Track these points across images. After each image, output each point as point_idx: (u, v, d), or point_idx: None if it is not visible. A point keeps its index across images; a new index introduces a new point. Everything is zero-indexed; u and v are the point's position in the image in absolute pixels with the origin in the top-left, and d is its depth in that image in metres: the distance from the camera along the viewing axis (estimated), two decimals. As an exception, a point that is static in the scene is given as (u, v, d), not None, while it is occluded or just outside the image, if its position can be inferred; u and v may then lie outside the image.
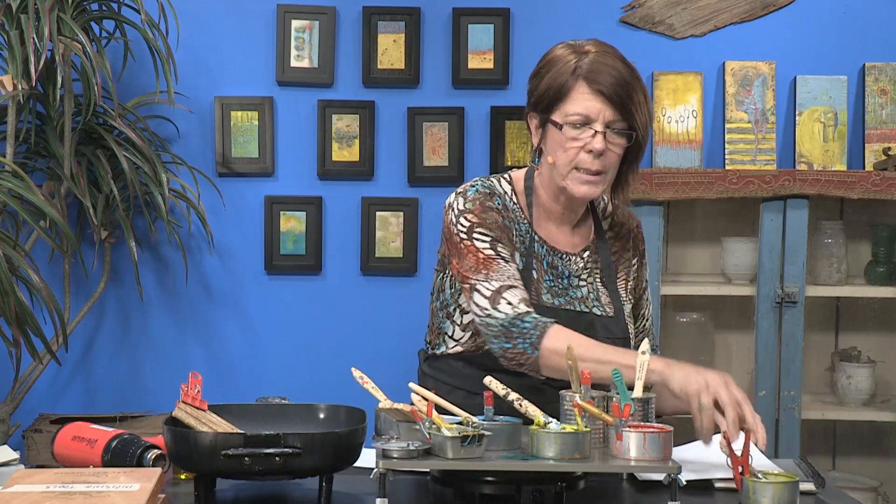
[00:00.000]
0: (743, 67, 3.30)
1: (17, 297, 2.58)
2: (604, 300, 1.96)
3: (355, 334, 3.40)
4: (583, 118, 1.83)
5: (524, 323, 1.77)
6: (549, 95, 1.87)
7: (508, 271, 1.84)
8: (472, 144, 3.37)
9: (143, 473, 1.54)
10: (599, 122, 1.82)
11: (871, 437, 3.32)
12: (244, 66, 3.37)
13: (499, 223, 1.89)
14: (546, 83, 1.87)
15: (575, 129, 1.83)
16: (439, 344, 1.99)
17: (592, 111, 1.82)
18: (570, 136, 1.84)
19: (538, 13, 3.37)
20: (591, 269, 1.97)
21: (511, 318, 1.78)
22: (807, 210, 3.07)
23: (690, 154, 3.29)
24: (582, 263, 1.96)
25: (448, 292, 1.98)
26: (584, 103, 1.83)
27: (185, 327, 3.39)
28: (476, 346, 1.92)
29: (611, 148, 1.84)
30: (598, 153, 1.83)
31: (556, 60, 1.88)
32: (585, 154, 1.84)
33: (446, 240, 1.95)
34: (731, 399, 1.58)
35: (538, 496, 1.52)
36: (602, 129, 1.82)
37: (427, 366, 2.04)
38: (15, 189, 2.67)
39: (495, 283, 1.82)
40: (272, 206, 3.35)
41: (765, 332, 3.08)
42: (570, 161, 1.85)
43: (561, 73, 1.85)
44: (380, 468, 1.47)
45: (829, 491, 1.77)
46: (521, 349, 1.77)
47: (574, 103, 1.83)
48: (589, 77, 1.82)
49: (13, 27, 2.80)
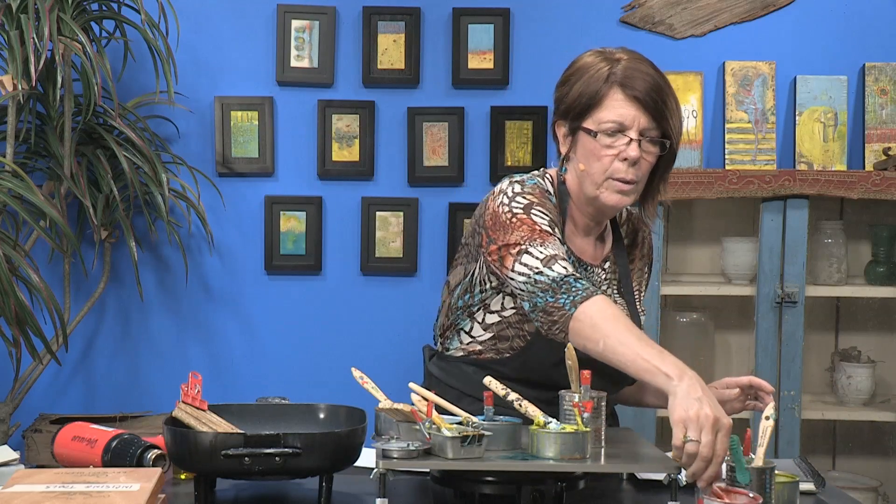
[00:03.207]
0: (743, 67, 3.30)
1: (17, 297, 2.58)
2: None
3: (355, 334, 3.40)
4: (617, 125, 1.79)
5: (577, 283, 1.70)
6: (581, 103, 1.82)
7: (563, 249, 1.78)
8: (472, 144, 3.37)
9: (143, 473, 1.54)
10: (634, 130, 1.79)
11: (871, 437, 3.32)
12: (244, 66, 3.37)
13: (555, 214, 1.85)
14: (577, 90, 1.83)
15: (609, 137, 1.80)
16: (452, 339, 1.95)
17: (627, 118, 1.79)
18: (604, 144, 1.80)
19: (538, 13, 3.37)
20: (611, 280, 1.95)
21: (565, 275, 1.71)
22: (807, 210, 3.07)
23: (690, 154, 3.29)
24: (604, 275, 1.94)
25: (477, 290, 1.91)
26: (618, 110, 1.79)
27: (185, 327, 3.39)
28: (496, 351, 1.88)
29: (644, 157, 1.81)
30: (632, 161, 1.79)
31: (587, 68, 1.83)
32: (620, 163, 1.80)
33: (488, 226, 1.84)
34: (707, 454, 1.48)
35: (538, 496, 1.52)
36: (637, 137, 1.79)
37: (434, 365, 1.99)
38: (15, 189, 2.67)
39: (551, 251, 1.75)
40: (272, 206, 3.35)
41: (765, 332, 3.08)
42: (604, 170, 1.81)
43: (594, 80, 1.81)
44: (380, 468, 1.47)
45: (829, 491, 1.77)
46: (561, 303, 1.69)
47: (608, 110, 1.80)
48: (624, 83, 1.79)
49: (13, 27, 2.80)
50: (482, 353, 1.90)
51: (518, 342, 1.86)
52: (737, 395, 1.85)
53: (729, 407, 1.84)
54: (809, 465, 1.86)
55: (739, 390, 1.85)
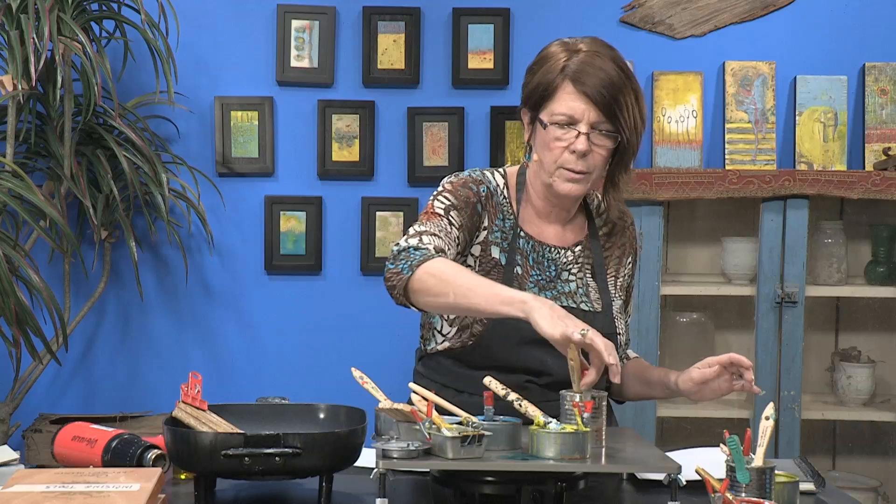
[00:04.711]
0: (743, 67, 3.30)
1: (17, 297, 2.58)
2: (592, 296, 1.94)
3: (355, 334, 3.40)
4: (567, 118, 1.82)
5: (416, 252, 1.78)
6: (537, 93, 1.86)
7: (445, 229, 1.86)
8: (472, 144, 3.37)
9: (143, 473, 1.54)
10: (584, 123, 1.81)
11: (871, 437, 3.32)
12: (244, 66, 3.37)
13: (469, 200, 1.90)
14: (536, 80, 1.86)
15: (559, 129, 1.83)
16: (430, 340, 1.98)
17: (577, 112, 1.81)
18: (554, 136, 1.83)
19: (538, 13, 3.37)
20: (583, 264, 1.96)
21: (409, 246, 1.80)
22: (807, 210, 3.07)
23: (690, 154, 3.29)
24: (572, 257, 1.95)
25: None
26: (569, 103, 1.81)
27: (185, 327, 3.39)
28: (461, 342, 1.91)
29: (595, 149, 1.83)
30: (581, 154, 1.82)
31: (548, 58, 1.86)
32: (569, 154, 1.83)
33: None
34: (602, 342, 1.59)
35: (538, 496, 1.52)
36: (586, 131, 1.81)
37: (421, 364, 2.03)
38: (15, 189, 2.67)
39: (422, 228, 1.85)
40: (272, 206, 3.35)
41: (765, 332, 3.08)
42: (555, 160, 1.85)
43: (550, 72, 1.84)
44: (380, 468, 1.46)
45: (829, 491, 1.77)
46: (399, 269, 1.77)
47: (559, 103, 1.82)
48: (575, 77, 1.81)
49: (13, 27, 2.80)
50: (452, 347, 1.93)
51: (477, 327, 1.89)
52: (716, 372, 1.81)
53: (715, 386, 1.82)
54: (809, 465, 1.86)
55: (720, 367, 1.82)
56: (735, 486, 1.46)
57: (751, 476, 1.46)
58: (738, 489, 1.45)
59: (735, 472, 1.46)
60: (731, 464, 1.48)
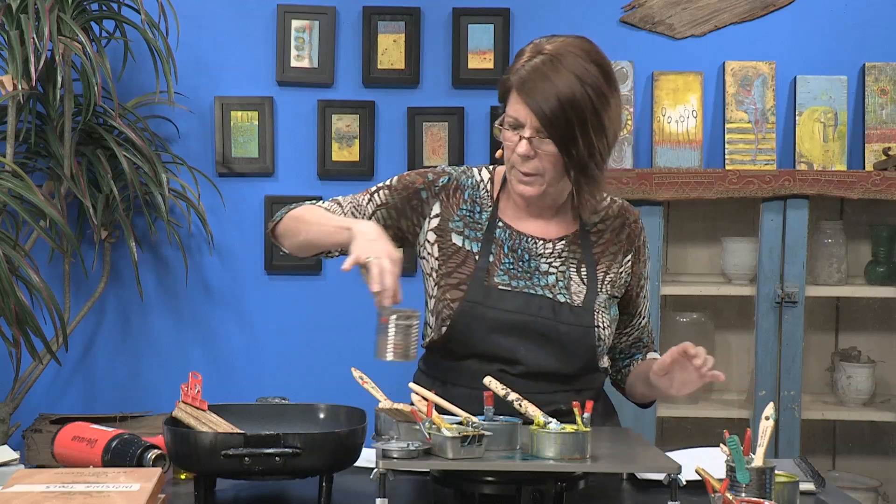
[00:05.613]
0: (743, 67, 3.30)
1: (17, 297, 2.58)
2: (574, 289, 1.91)
3: (355, 334, 3.38)
4: (514, 121, 1.83)
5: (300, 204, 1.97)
6: (501, 92, 1.88)
7: (357, 202, 2.01)
8: (472, 144, 3.37)
9: (143, 473, 1.54)
10: (527, 128, 1.81)
11: (871, 437, 3.32)
12: (244, 66, 3.37)
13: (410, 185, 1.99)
14: (503, 79, 1.88)
15: (508, 131, 1.85)
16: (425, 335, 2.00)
17: (521, 116, 1.81)
18: (506, 137, 1.86)
19: (538, 13, 3.37)
20: (567, 258, 1.94)
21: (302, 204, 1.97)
22: (807, 210, 3.07)
23: (690, 154, 3.29)
24: (552, 249, 1.94)
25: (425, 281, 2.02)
26: (515, 106, 1.82)
27: (185, 327, 3.39)
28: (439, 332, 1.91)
29: (542, 153, 1.82)
30: (524, 157, 1.83)
31: (516, 58, 1.87)
32: (517, 156, 1.84)
33: None
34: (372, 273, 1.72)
35: (538, 496, 1.52)
36: (528, 136, 1.81)
37: (421, 361, 2.04)
38: (15, 189, 2.67)
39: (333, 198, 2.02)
40: (272, 206, 3.35)
41: (765, 332, 3.08)
42: (509, 160, 1.88)
43: (510, 72, 1.85)
44: (380, 468, 1.47)
45: (829, 491, 1.77)
46: (274, 218, 1.97)
47: (509, 105, 1.84)
48: (519, 86, 1.81)
49: (13, 27, 2.80)
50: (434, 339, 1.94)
51: (446, 311, 1.89)
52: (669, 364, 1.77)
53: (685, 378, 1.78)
54: (809, 465, 1.86)
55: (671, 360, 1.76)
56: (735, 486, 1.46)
57: (751, 476, 1.46)
58: (738, 489, 1.45)
59: (735, 472, 1.46)
60: (731, 464, 1.48)
